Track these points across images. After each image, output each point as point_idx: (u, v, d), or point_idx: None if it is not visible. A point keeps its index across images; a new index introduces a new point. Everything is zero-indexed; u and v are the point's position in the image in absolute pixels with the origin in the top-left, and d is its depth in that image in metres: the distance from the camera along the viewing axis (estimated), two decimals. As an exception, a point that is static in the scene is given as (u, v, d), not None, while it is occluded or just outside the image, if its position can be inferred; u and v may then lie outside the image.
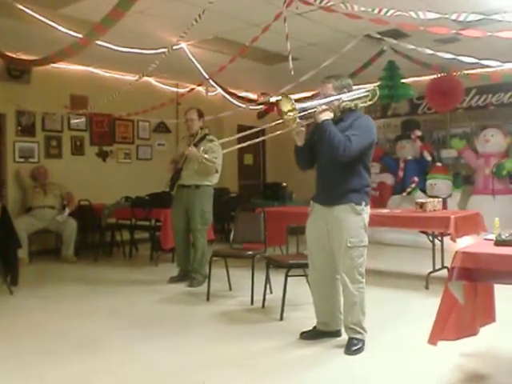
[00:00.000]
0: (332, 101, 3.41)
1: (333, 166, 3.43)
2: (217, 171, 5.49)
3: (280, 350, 3.51)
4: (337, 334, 3.67)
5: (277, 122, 3.50)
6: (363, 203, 3.41)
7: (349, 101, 3.45)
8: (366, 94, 3.50)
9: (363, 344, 3.42)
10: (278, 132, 3.51)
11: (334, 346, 3.53)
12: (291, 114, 3.25)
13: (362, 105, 3.52)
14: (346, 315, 3.49)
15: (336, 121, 3.42)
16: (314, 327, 3.72)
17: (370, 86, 3.56)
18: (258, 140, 3.84)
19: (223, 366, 3.25)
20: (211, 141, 5.40)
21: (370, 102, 3.53)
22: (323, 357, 3.37)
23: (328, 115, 3.37)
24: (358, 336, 3.43)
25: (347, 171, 3.40)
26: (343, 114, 3.47)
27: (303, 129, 3.46)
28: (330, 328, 3.67)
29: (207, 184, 5.52)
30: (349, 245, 3.36)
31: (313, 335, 3.68)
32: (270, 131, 3.74)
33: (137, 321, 4.28)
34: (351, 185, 3.41)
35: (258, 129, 3.79)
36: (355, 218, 3.39)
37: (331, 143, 3.31)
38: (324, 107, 3.38)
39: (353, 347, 3.38)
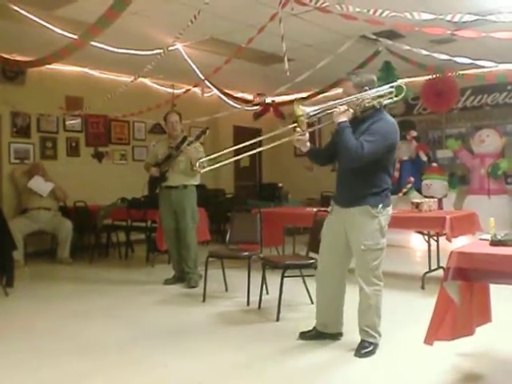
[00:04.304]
0: (347, 101, 3.30)
1: (351, 168, 3.37)
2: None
3: (276, 351, 3.50)
4: (336, 336, 3.64)
5: (291, 126, 3.40)
6: (380, 205, 3.32)
7: (371, 99, 3.30)
8: (389, 90, 3.33)
9: (375, 347, 3.37)
10: (276, 143, 3.52)
11: (331, 348, 3.52)
12: (302, 118, 3.22)
13: (386, 102, 3.39)
14: (361, 317, 3.44)
15: (357, 121, 3.34)
16: (314, 328, 3.69)
17: (395, 84, 3.41)
18: (255, 151, 3.81)
19: (219, 367, 3.24)
20: (192, 142, 5.41)
21: (396, 99, 3.37)
22: (319, 358, 3.36)
23: (346, 116, 3.28)
24: (370, 339, 3.38)
25: (366, 173, 3.32)
26: (365, 113, 3.35)
27: (302, 137, 3.36)
28: (329, 330, 3.64)
29: (193, 184, 5.62)
30: (362, 248, 3.31)
31: (312, 336, 3.66)
32: (267, 139, 3.76)
33: (132, 322, 4.26)
34: (369, 187, 3.33)
35: (256, 140, 3.79)
36: (370, 220, 3.32)
37: (344, 148, 3.26)
38: (343, 108, 3.29)
39: (363, 350, 3.34)
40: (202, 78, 7.34)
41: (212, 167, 3.77)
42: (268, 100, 9.88)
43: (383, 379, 3.02)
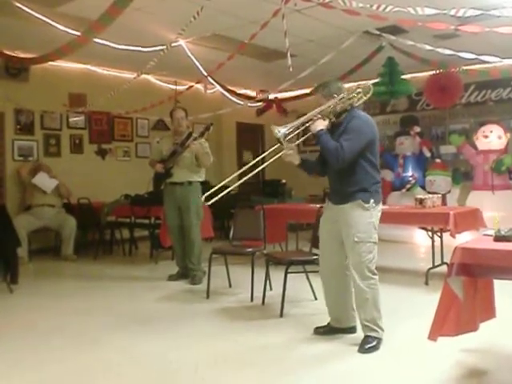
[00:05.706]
0: (319, 112, 3.42)
1: (339, 169, 3.45)
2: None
3: (280, 347, 3.51)
4: (350, 330, 3.66)
5: (275, 147, 3.52)
6: (371, 201, 3.39)
7: (342, 103, 3.43)
8: (357, 91, 3.47)
9: (378, 342, 3.37)
10: (275, 157, 3.58)
11: (335, 343, 3.53)
12: (281, 140, 3.36)
13: (357, 103, 3.50)
14: (360, 312, 3.47)
15: (334, 126, 3.46)
16: (328, 323, 3.71)
17: (362, 83, 3.57)
18: (258, 169, 4.05)
19: (223, 363, 3.25)
20: (196, 138, 5.41)
21: (365, 98, 3.51)
22: (322, 353, 3.37)
23: (322, 124, 3.40)
24: (372, 334, 3.39)
25: (353, 171, 3.41)
26: (340, 117, 3.47)
27: (291, 151, 3.49)
28: (343, 324, 3.66)
29: (198, 180, 5.61)
30: (356, 239, 3.36)
31: (326, 331, 3.68)
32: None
33: (136, 318, 4.28)
34: (359, 184, 3.41)
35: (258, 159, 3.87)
36: (363, 213, 3.38)
37: (325, 151, 3.38)
38: (317, 117, 3.42)
39: (366, 345, 3.35)
40: (205, 74, 7.34)
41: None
42: (271, 96, 9.86)
43: (387, 375, 3.02)
